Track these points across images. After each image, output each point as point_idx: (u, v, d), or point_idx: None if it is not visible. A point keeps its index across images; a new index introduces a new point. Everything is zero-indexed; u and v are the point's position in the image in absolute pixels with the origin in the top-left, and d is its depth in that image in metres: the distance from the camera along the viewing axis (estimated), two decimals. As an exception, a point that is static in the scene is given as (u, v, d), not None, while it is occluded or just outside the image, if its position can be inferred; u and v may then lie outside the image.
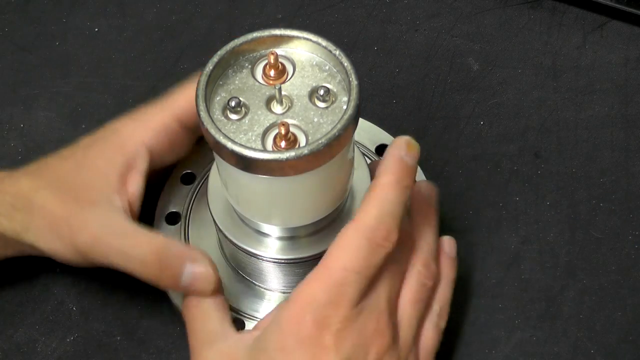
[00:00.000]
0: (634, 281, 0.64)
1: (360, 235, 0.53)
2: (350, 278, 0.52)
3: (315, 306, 0.52)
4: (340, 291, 0.52)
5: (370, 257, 0.53)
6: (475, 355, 0.62)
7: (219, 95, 0.53)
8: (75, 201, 0.58)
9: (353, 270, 0.52)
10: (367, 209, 0.53)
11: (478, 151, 0.70)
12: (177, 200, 0.65)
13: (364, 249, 0.52)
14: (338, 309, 0.52)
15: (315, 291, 0.52)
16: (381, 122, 0.68)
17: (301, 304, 0.52)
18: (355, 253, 0.52)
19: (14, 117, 0.73)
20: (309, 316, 0.52)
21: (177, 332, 0.63)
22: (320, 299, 0.52)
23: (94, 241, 0.57)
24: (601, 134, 0.70)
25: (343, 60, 0.52)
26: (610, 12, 0.76)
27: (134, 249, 0.56)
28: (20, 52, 0.76)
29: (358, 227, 0.53)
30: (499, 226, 0.67)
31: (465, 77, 0.74)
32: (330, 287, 0.52)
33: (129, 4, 0.79)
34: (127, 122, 0.61)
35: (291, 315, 0.52)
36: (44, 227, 0.58)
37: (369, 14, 0.77)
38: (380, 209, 0.53)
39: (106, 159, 0.59)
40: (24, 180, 0.60)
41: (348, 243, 0.53)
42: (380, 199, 0.53)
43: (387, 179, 0.54)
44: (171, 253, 0.56)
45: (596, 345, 0.62)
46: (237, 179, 0.53)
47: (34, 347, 0.63)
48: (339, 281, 0.52)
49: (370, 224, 0.53)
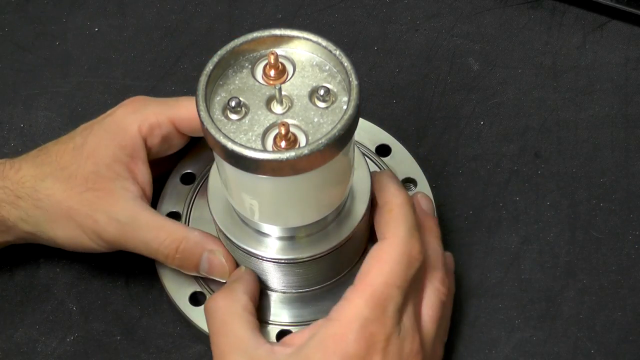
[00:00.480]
0: (634, 281, 0.64)
1: (398, 250, 0.54)
2: (392, 293, 0.53)
3: (361, 323, 0.52)
4: (384, 307, 0.53)
5: (408, 271, 0.54)
6: (475, 355, 0.62)
7: (219, 95, 0.53)
8: (89, 191, 0.59)
9: (394, 285, 0.53)
10: (396, 227, 0.55)
11: (478, 151, 0.70)
12: (177, 200, 0.65)
13: (403, 263, 0.54)
14: (383, 326, 0.53)
15: (359, 308, 0.52)
16: (381, 122, 0.68)
17: (346, 322, 0.52)
18: (396, 267, 0.53)
19: (14, 117, 0.73)
20: (355, 334, 0.52)
21: (177, 332, 0.63)
22: (366, 316, 0.52)
23: (122, 234, 0.59)
24: (601, 134, 0.70)
25: (343, 60, 0.52)
26: (610, 12, 0.76)
27: (158, 241, 0.59)
28: (20, 52, 0.76)
29: (393, 243, 0.54)
30: (499, 226, 0.67)
31: (465, 77, 0.74)
32: (375, 303, 0.52)
33: (129, 4, 0.79)
34: (125, 113, 0.61)
35: (336, 333, 0.52)
36: (58, 217, 0.59)
37: (369, 14, 0.77)
38: (409, 225, 0.55)
39: (105, 147, 0.60)
40: (26, 167, 0.60)
41: (387, 258, 0.54)
42: (405, 216, 0.55)
43: (400, 200, 0.56)
44: (190, 244, 0.59)
45: (596, 345, 0.62)
46: (237, 179, 0.53)
47: (34, 347, 0.63)
48: (382, 297, 0.53)
49: (405, 239, 0.54)
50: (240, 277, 0.59)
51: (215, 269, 0.59)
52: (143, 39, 0.77)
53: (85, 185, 0.59)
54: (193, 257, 0.59)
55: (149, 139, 0.61)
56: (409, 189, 0.66)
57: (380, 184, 0.57)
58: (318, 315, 0.60)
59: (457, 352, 0.62)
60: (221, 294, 0.57)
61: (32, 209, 0.59)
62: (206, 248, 0.59)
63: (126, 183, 0.60)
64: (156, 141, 0.61)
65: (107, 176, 0.59)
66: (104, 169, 0.59)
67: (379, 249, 0.54)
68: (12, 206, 0.60)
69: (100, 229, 0.59)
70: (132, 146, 0.60)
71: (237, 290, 0.57)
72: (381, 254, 0.54)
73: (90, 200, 0.59)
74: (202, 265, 0.59)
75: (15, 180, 0.60)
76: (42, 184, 0.59)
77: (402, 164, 0.66)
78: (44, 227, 0.60)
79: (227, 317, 0.56)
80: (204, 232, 0.60)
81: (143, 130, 0.60)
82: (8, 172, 0.60)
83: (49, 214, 0.59)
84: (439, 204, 0.66)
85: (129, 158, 0.60)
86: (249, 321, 0.56)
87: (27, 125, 0.73)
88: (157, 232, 0.59)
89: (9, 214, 0.60)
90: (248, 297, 0.57)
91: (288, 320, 0.61)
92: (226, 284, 0.59)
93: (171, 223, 0.59)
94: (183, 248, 0.59)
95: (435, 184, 0.68)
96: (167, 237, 0.59)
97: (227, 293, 0.57)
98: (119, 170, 0.60)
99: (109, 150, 0.60)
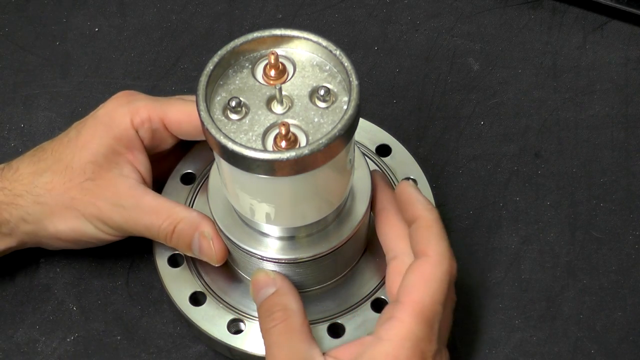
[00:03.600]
0: (634, 281, 0.64)
1: (442, 269, 0.54)
2: (438, 310, 0.54)
3: (413, 343, 0.53)
4: (432, 325, 0.53)
5: (450, 289, 0.55)
6: (475, 355, 0.62)
7: (220, 95, 0.53)
8: (89, 181, 0.59)
9: (440, 302, 0.54)
10: (438, 244, 0.55)
11: (478, 151, 0.70)
12: (177, 200, 0.65)
13: (446, 282, 0.54)
14: (431, 343, 0.53)
15: (411, 327, 0.53)
16: (381, 122, 0.68)
17: (398, 341, 0.53)
18: (442, 286, 0.54)
19: (14, 117, 0.73)
20: (407, 353, 0.52)
21: (177, 332, 0.63)
22: (417, 334, 0.53)
23: (126, 220, 0.59)
24: (601, 134, 0.70)
25: (343, 61, 0.52)
26: (610, 12, 0.76)
27: (158, 224, 0.59)
28: (20, 52, 0.76)
29: (438, 261, 0.55)
30: (499, 226, 0.67)
31: (465, 77, 0.74)
32: (425, 322, 0.53)
33: (129, 4, 0.79)
34: (116, 105, 0.61)
35: (388, 352, 0.53)
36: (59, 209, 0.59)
37: (369, 14, 0.77)
38: (444, 242, 0.55)
39: (100, 138, 0.60)
40: (23, 166, 0.61)
41: (433, 277, 0.54)
42: (442, 233, 0.56)
43: (435, 215, 0.56)
44: (185, 225, 0.59)
45: (596, 345, 0.62)
46: (238, 179, 0.53)
47: (34, 347, 0.63)
48: (431, 315, 0.53)
49: (447, 256, 0.55)
50: (283, 288, 0.58)
51: (204, 251, 0.60)
52: (143, 39, 0.77)
53: (83, 176, 0.59)
54: (186, 238, 0.60)
55: (140, 130, 0.61)
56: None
57: (407, 195, 0.57)
58: (318, 315, 0.60)
59: (457, 352, 0.62)
60: (277, 314, 0.56)
61: (32, 205, 0.60)
62: (198, 229, 0.59)
63: (125, 170, 0.60)
64: (147, 135, 0.61)
65: (105, 166, 0.60)
66: (102, 159, 0.60)
67: (423, 266, 0.55)
68: (12, 207, 0.60)
69: (104, 216, 0.59)
70: (127, 137, 0.60)
71: (289, 304, 0.57)
72: (426, 271, 0.54)
73: (91, 189, 0.59)
74: (193, 247, 0.60)
75: (14, 179, 0.60)
76: (41, 178, 0.60)
77: (402, 164, 0.66)
78: (45, 223, 0.60)
79: (288, 336, 0.56)
80: (201, 214, 0.60)
81: (135, 121, 0.60)
82: (6, 174, 0.61)
83: (50, 207, 0.59)
84: (439, 204, 0.66)
85: (126, 149, 0.60)
86: (308, 336, 0.56)
87: (27, 125, 0.73)
88: (157, 215, 0.59)
89: (10, 215, 0.60)
90: (300, 307, 0.57)
91: (288, 320, 0.61)
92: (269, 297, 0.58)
93: (171, 205, 0.60)
94: (179, 229, 0.59)
95: (435, 184, 0.68)
96: (166, 219, 0.59)
97: (282, 311, 0.56)
98: (116, 159, 0.60)
99: (104, 140, 0.60)
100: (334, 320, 0.60)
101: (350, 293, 0.61)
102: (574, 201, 0.67)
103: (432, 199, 0.64)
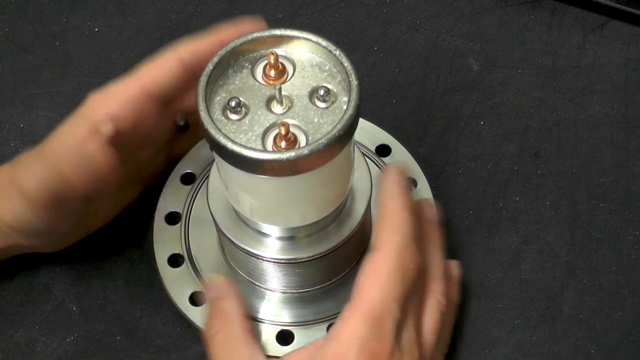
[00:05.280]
0: (634, 281, 0.64)
1: (390, 263, 0.52)
2: (389, 308, 0.51)
3: (360, 342, 0.51)
4: (382, 324, 0.51)
5: (404, 284, 0.52)
6: (475, 355, 0.62)
7: (219, 95, 0.53)
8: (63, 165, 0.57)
9: (391, 300, 0.52)
10: (389, 237, 0.53)
11: (478, 151, 0.70)
12: (177, 200, 0.65)
13: (397, 277, 0.52)
14: (382, 342, 0.51)
15: (358, 327, 0.51)
16: (381, 122, 0.68)
17: (345, 341, 0.51)
18: (391, 281, 0.52)
19: (14, 117, 0.73)
20: (355, 353, 0.50)
21: (177, 332, 0.63)
22: (364, 334, 0.51)
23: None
24: (601, 134, 0.70)
25: (343, 61, 0.52)
26: (610, 12, 0.76)
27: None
28: (20, 52, 0.76)
29: (385, 255, 0.52)
30: (499, 226, 0.67)
31: (465, 77, 0.74)
32: (373, 320, 0.51)
33: (129, 4, 0.79)
34: (95, 95, 0.59)
35: (335, 353, 0.51)
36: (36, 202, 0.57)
37: (369, 14, 0.77)
38: (402, 234, 0.53)
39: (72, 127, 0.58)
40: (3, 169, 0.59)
41: (380, 272, 0.52)
42: (398, 224, 0.53)
43: (395, 205, 0.54)
44: None
45: (596, 345, 0.62)
46: (237, 179, 0.53)
47: (34, 347, 0.63)
48: (380, 313, 0.51)
49: (398, 250, 0.52)
50: (226, 293, 0.57)
51: None
52: (143, 39, 0.77)
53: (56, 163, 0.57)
54: None
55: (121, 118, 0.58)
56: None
57: (381, 182, 0.56)
58: (318, 315, 0.60)
59: (457, 352, 0.62)
60: (216, 320, 0.56)
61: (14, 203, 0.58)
62: None
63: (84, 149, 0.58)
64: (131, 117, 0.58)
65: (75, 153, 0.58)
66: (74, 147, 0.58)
67: (372, 262, 0.53)
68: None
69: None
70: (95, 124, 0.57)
71: (230, 310, 0.56)
72: (374, 267, 0.52)
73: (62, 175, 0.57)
74: None
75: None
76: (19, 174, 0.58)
77: (402, 164, 0.66)
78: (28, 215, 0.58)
79: (221, 340, 0.55)
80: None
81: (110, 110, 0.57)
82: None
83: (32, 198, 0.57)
84: (439, 204, 0.66)
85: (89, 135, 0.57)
86: (249, 342, 0.55)
87: (27, 125, 0.73)
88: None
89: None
90: (241, 313, 0.56)
91: (288, 320, 0.61)
92: (212, 303, 0.58)
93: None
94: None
95: (435, 184, 0.68)
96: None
97: (222, 317, 0.56)
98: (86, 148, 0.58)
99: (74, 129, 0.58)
100: (334, 320, 0.60)
101: (350, 293, 0.61)
102: (573, 201, 0.67)
103: (432, 199, 0.64)
